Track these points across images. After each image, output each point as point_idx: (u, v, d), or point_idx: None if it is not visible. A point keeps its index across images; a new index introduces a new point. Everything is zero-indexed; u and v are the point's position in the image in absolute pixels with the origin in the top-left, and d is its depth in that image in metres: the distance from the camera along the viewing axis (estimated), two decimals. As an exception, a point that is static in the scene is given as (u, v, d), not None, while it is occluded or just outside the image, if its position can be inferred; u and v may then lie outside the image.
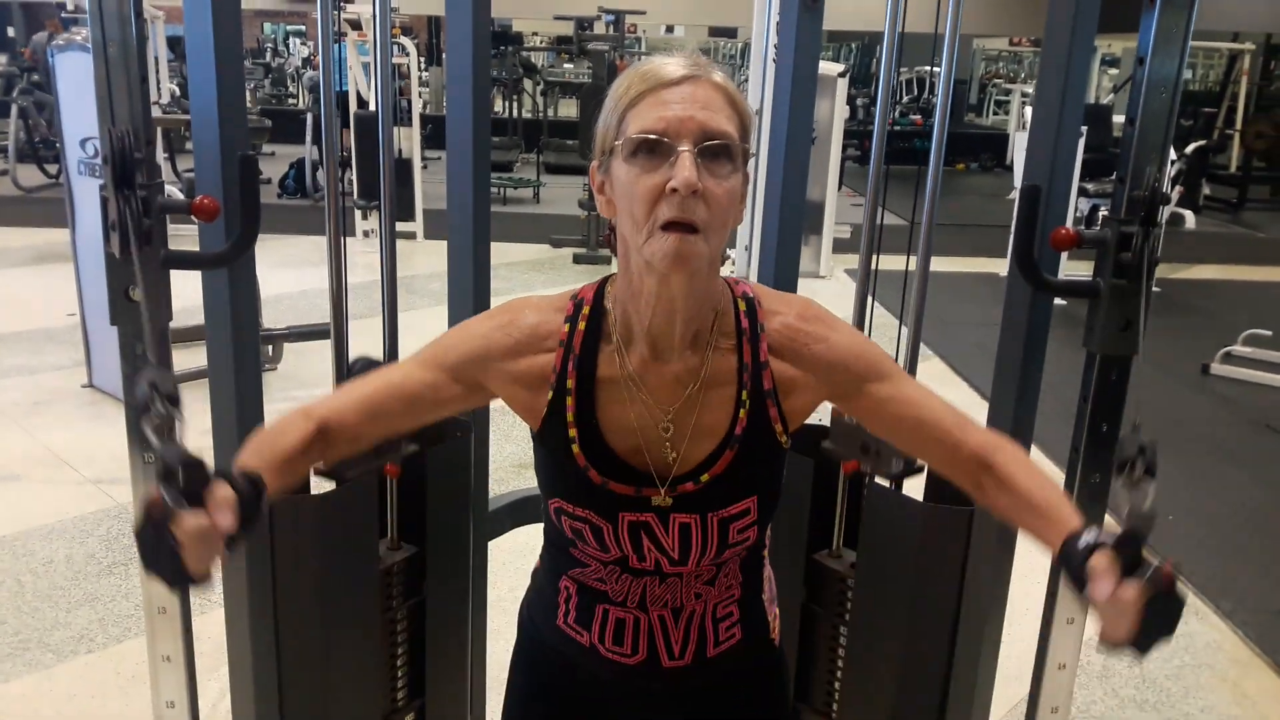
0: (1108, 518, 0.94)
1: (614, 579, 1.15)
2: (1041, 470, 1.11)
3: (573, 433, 1.09)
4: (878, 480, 1.80)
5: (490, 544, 2.06)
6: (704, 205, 0.97)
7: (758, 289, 1.15)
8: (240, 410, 1.55)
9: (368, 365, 1.76)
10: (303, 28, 17.94)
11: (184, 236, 1.73)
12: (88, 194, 4.14)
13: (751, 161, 1.05)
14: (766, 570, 1.26)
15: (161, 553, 0.89)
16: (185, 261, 1.46)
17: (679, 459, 1.09)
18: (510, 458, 3.77)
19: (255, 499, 0.97)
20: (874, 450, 1.75)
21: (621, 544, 1.11)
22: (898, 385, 1.14)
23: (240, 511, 0.92)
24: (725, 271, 1.17)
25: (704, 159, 0.97)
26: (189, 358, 2.90)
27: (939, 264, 1.88)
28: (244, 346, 1.54)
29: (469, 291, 1.81)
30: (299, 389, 4.57)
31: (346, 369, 1.74)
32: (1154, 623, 0.90)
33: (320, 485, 1.72)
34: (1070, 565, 0.97)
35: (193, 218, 1.44)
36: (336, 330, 1.82)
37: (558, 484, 1.12)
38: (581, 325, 1.10)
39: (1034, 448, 1.69)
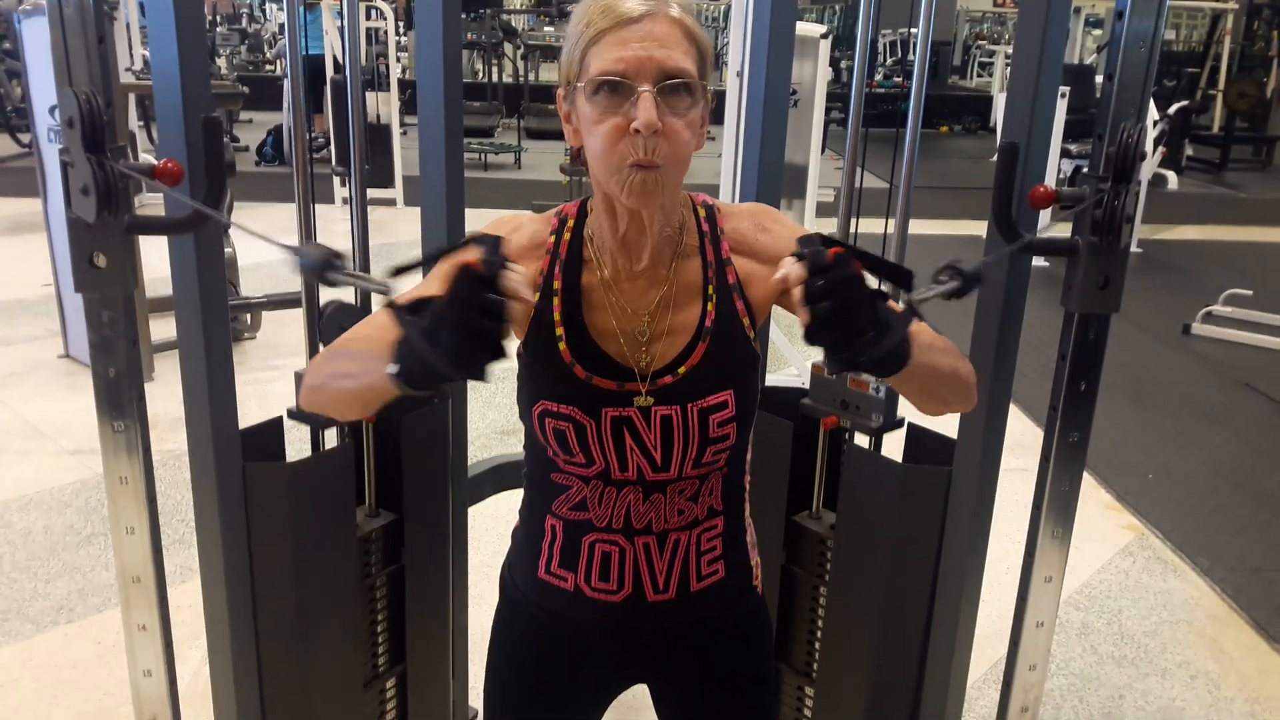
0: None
1: (597, 497, 1.17)
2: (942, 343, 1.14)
3: (559, 331, 1.14)
4: (857, 442, 1.80)
5: (471, 510, 2.05)
6: (666, 142, 1.02)
7: (716, 201, 1.21)
8: (211, 378, 1.53)
9: (340, 309, 1.75)
10: (279, -8, 17.62)
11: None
12: (59, 162, 4.07)
13: (730, 123, 1.06)
14: (747, 516, 1.28)
15: (475, 319, 0.83)
16: (150, 227, 1.43)
17: (656, 357, 1.15)
18: (492, 424, 3.75)
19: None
20: (853, 405, 1.75)
21: (604, 445, 1.14)
22: None
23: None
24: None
25: (664, 96, 1.02)
26: (167, 327, 2.87)
27: (922, 226, 1.87)
28: (212, 313, 1.52)
29: (444, 257, 1.79)
30: (278, 358, 4.54)
31: (318, 313, 1.74)
32: (832, 317, 0.86)
33: (295, 454, 1.71)
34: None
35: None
36: (309, 298, 1.80)
37: (545, 384, 1.15)
38: (567, 236, 1.17)
39: (1012, 406, 1.69)
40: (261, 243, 1.08)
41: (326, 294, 1.76)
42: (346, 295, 1.80)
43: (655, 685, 1.32)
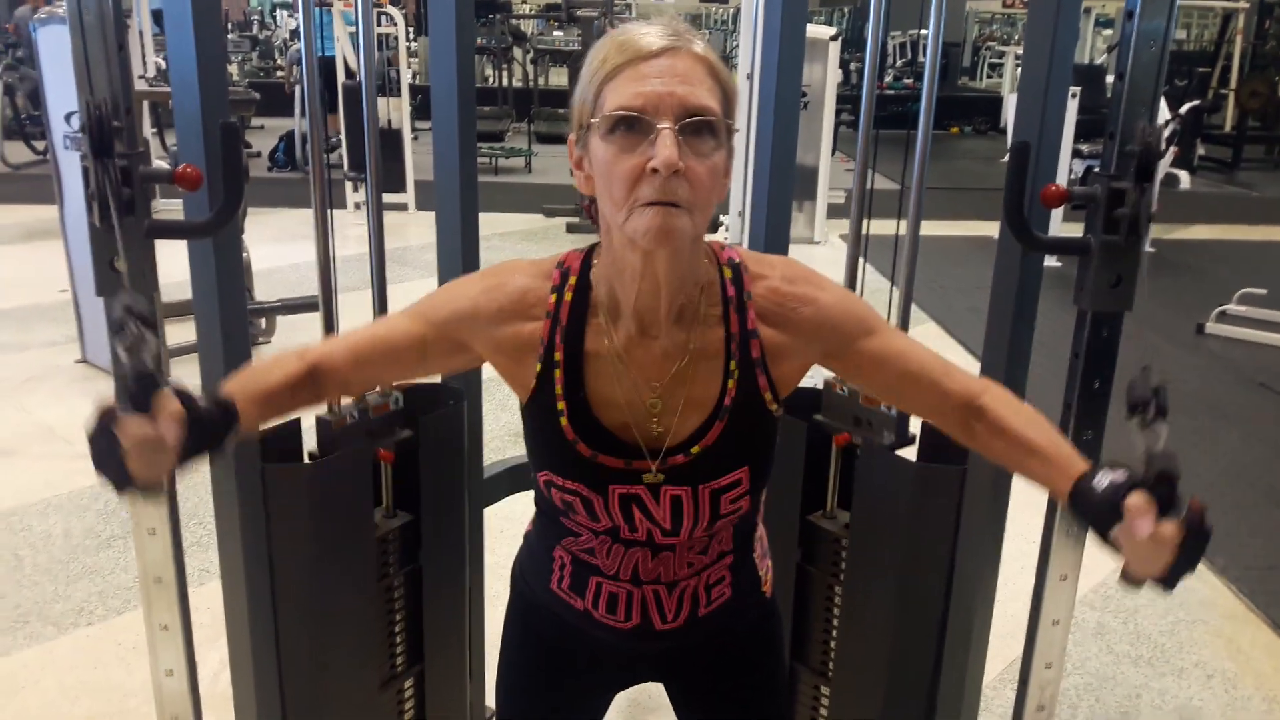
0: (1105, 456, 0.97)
1: (605, 550, 1.14)
2: (1031, 409, 1.13)
3: (561, 405, 1.08)
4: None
5: (486, 510, 2.07)
6: (686, 184, 0.94)
7: (743, 253, 1.12)
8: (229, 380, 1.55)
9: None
10: (290, -1, 17.70)
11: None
12: (74, 169, 4.10)
13: (741, 126, 1.03)
14: (759, 531, 1.26)
15: (108, 455, 0.92)
16: (169, 231, 1.45)
17: (669, 433, 1.08)
18: (507, 426, 3.77)
19: (213, 420, 0.99)
20: (865, 422, 1.75)
21: (612, 515, 1.10)
22: (886, 339, 1.13)
23: (192, 428, 0.94)
24: (717, 237, 1.16)
25: (685, 136, 0.94)
26: (183, 331, 2.88)
27: (933, 228, 1.88)
28: (231, 316, 1.53)
29: (458, 262, 1.80)
30: (293, 362, 4.56)
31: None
32: (1186, 558, 0.92)
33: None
34: (1089, 506, 0.97)
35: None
36: (325, 302, 1.81)
37: (547, 457, 1.11)
38: (568, 296, 1.08)
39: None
40: (274, 247, 1.09)
41: (345, 321, 1.73)
42: (364, 321, 1.77)
43: (669, 685, 1.33)
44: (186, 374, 1.20)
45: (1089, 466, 1.01)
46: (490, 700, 2.11)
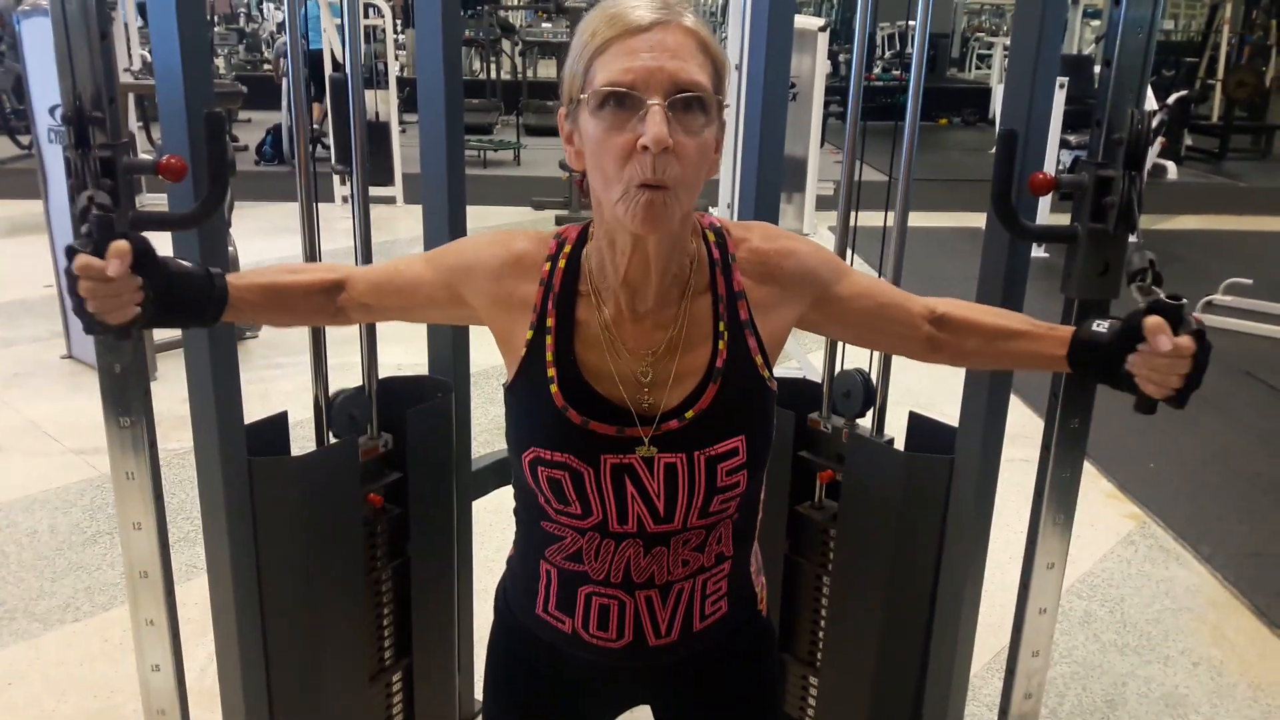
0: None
1: (593, 550, 1.10)
2: (990, 306, 1.24)
3: (551, 372, 1.07)
4: (858, 430, 1.81)
5: (475, 504, 2.06)
6: (676, 161, 0.94)
7: (722, 220, 1.15)
8: (216, 375, 1.54)
9: (349, 398, 1.76)
10: (276, -9, 17.55)
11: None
12: (59, 163, 4.07)
13: (730, 117, 1.03)
14: (754, 546, 1.24)
15: (75, 296, 1.00)
16: (153, 223, 1.44)
17: (661, 402, 1.07)
18: (495, 420, 3.77)
19: (188, 279, 1.10)
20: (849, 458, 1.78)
21: (604, 493, 1.07)
22: (856, 277, 1.19)
23: (155, 277, 1.03)
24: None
25: (675, 112, 0.93)
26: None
27: (922, 219, 1.88)
28: (217, 309, 1.52)
29: (445, 251, 1.79)
30: (282, 356, 4.55)
31: (328, 401, 1.74)
32: (1197, 370, 1.03)
33: (300, 447, 1.72)
34: (1099, 348, 1.12)
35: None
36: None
37: (535, 430, 1.08)
38: (561, 264, 1.10)
39: (1013, 396, 1.70)
40: (261, 241, 1.10)
41: (338, 380, 1.76)
42: (356, 380, 1.79)
43: (657, 708, 1.28)
44: (173, 369, 1.19)
45: (1074, 329, 1.16)
46: (478, 693, 2.11)
